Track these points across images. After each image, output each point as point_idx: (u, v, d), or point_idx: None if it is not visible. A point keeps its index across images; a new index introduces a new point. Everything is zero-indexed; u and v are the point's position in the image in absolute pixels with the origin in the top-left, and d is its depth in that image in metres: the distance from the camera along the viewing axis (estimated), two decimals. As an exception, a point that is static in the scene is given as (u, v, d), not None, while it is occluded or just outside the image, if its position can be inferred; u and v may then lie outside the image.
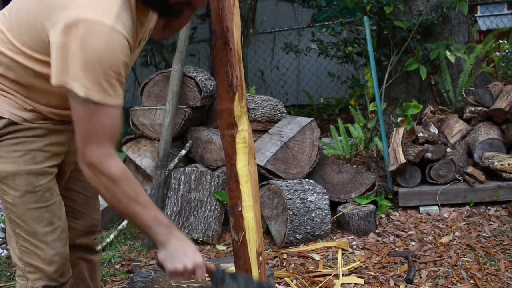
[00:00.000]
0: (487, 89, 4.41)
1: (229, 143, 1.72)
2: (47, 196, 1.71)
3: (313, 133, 3.85)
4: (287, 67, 8.24)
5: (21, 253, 1.73)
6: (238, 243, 1.70)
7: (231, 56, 1.68)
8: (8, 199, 1.68)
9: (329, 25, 5.53)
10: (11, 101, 1.64)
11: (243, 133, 1.72)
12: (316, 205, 3.51)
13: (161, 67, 6.27)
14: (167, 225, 1.60)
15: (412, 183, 3.94)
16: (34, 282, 1.74)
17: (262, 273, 1.70)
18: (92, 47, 1.40)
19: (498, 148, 4.03)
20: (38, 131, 1.68)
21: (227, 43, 1.67)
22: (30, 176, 1.67)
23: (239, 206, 1.69)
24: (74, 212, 1.94)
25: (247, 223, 1.69)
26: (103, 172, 1.50)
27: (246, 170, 1.71)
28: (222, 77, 1.70)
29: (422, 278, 2.90)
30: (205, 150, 4.01)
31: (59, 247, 1.75)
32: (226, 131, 1.72)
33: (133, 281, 2.38)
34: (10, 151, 1.65)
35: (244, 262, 1.69)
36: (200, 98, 3.96)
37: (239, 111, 1.71)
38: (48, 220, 1.72)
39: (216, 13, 1.67)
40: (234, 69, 1.69)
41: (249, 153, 1.73)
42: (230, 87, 1.69)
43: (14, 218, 1.70)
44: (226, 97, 1.70)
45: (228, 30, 1.66)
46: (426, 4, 5.36)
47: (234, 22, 1.68)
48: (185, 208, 3.59)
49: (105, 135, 1.49)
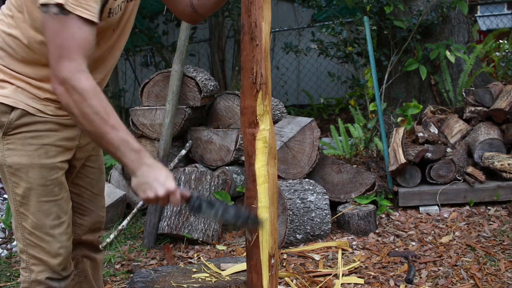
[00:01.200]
0: (487, 89, 4.41)
1: (250, 142, 1.67)
2: (57, 190, 1.73)
3: (313, 133, 3.85)
4: (287, 67, 8.25)
5: (25, 246, 1.75)
6: (250, 243, 1.67)
7: (257, 52, 1.63)
8: (19, 192, 1.70)
9: (329, 25, 5.53)
10: (25, 91, 1.67)
11: (264, 132, 1.67)
12: (316, 205, 3.51)
13: (161, 67, 6.27)
14: (138, 150, 1.55)
15: (412, 183, 3.94)
16: (38, 274, 1.76)
17: (273, 276, 1.68)
18: None
19: (498, 148, 4.03)
20: (51, 125, 1.71)
21: (254, 39, 1.62)
22: (43, 169, 1.69)
23: (255, 206, 1.66)
24: (81, 208, 1.96)
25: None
26: (74, 87, 1.49)
27: (265, 171, 1.67)
28: (247, 73, 1.65)
29: (422, 278, 2.90)
30: (205, 150, 4.01)
31: (64, 240, 1.77)
32: (247, 129, 1.68)
33: (133, 281, 2.38)
34: (25, 144, 1.68)
35: (256, 263, 1.66)
36: (200, 98, 3.96)
37: (261, 109, 1.67)
38: (56, 214, 1.74)
39: (246, 7, 1.63)
40: (260, 66, 1.64)
41: (269, 153, 1.68)
42: (254, 84, 1.64)
43: (23, 210, 1.72)
44: (249, 94, 1.66)
45: (256, 26, 1.62)
46: (426, 4, 5.36)
47: (263, 17, 1.64)
48: (185, 208, 3.59)
49: (76, 49, 1.50)
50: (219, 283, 2.27)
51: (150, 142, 4.08)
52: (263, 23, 1.63)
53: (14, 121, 1.66)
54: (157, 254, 3.45)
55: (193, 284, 2.28)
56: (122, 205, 4.04)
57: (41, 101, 1.68)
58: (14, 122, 1.66)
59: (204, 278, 2.35)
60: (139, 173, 1.55)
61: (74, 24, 1.49)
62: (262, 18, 1.63)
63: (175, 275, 2.40)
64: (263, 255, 1.65)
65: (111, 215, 3.90)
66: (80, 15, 1.48)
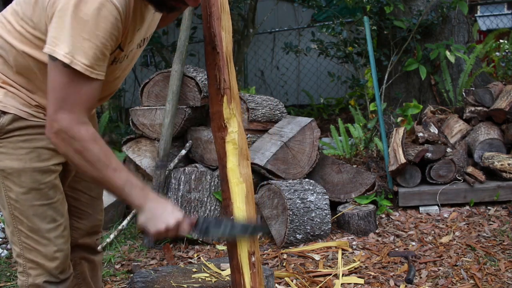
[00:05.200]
0: (487, 89, 4.41)
1: (220, 145, 1.75)
2: (51, 193, 1.72)
3: (313, 133, 3.85)
4: (287, 67, 8.24)
5: (22, 249, 1.74)
6: (230, 244, 1.71)
7: (219, 60, 1.72)
8: (12, 196, 1.70)
9: (329, 25, 5.53)
10: (17, 96, 1.66)
11: (232, 134, 1.74)
12: (316, 205, 3.51)
13: (161, 67, 6.26)
14: (141, 187, 1.57)
15: (412, 183, 3.94)
16: (35, 278, 1.75)
17: (255, 273, 1.70)
18: (84, 15, 1.41)
19: (498, 148, 4.03)
20: (43, 129, 1.69)
21: (215, 48, 1.71)
22: (35, 173, 1.69)
23: (230, 206, 1.70)
24: (78, 212, 1.96)
25: None
26: (74, 137, 1.48)
27: (237, 172, 1.72)
28: (212, 80, 1.75)
29: (422, 278, 2.90)
30: (205, 150, 4.01)
31: (61, 243, 1.76)
32: (217, 133, 1.75)
33: (133, 281, 2.38)
34: (16, 148, 1.67)
35: (237, 263, 1.69)
36: (200, 98, 3.96)
37: (228, 113, 1.74)
38: (52, 217, 1.73)
39: (205, 19, 1.72)
40: (222, 73, 1.72)
41: (240, 154, 1.75)
42: (218, 90, 1.73)
43: (17, 214, 1.71)
44: (215, 100, 1.74)
45: (215, 35, 1.71)
46: (426, 4, 5.36)
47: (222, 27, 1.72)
48: (185, 208, 3.59)
49: (79, 104, 1.49)
50: (219, 283, 2.27)
51: (150, 142, 4.07)
52: (223, 32, 1.73)
53: (6, 126, 1.65)
54: (157, 254, 3.45)
55: (193, 284, 2.28)
56: (122, 205, 4.04)
57: (32, 107, 1.68)
58: (6, 127, 1.66)
59: (204, 278, 2.35)
60: (147, 208, 1.57)
61: (81, 80, 1.47)
62: (222, 28, 1.72)
63: (175, 275, 2.40)
64: (242, 254, 1.68)
65: (111, 215, 3.90)
66: (88, 75, 1.47)
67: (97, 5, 1.42)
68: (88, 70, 1.46)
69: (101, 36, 1.45)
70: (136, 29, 1.66)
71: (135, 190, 1.56)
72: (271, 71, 8.56)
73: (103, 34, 1.45)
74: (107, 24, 1.44)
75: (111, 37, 1.48)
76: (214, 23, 1.71)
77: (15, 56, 1.63)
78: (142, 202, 1.57)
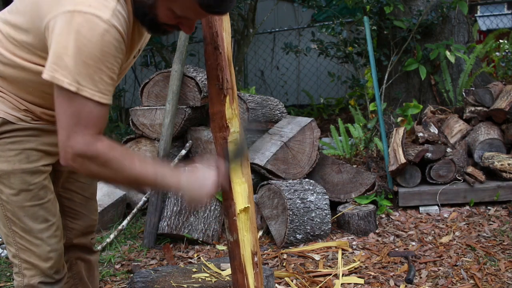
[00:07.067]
0: (487, 89, 4.40)
1: (221, 145, 1.74)
2: (41, 194, 1.73)
3: (313, 133, 3.85)
4: (287, 67, 8.24)
5: (17, 250, 1.75)
6: (232, 244, 1.70)
7: (221, 60, 1.72)
8: (3, 197, 1.70)
9: (329, 25, 5.53)
10: (5, 100, 1.66)
11: (235, 134, 1.75)
12: (316, 205, 3.51)
13: (161, 67, 6.26)
14: (170, 169, 1.61)
15: (412, 183, 3.94)
16: (30, 278, 1.76)
17: (258, 274, 1.70)
18: (87, 41, 1.40)
19: (498, 148, 4.03)
20: (31, 131, 1.70)
21: (217, 48, 1.72)
22: (24, 174, 1.69)
23: (232, 207, 1.70)
24: (72, 212, 1.95)
25: (240, 224, 1.71)
26: (93, 156, 1.48)
27: (239, 172, 1.72)
28: (213, 80, 1.74)
29: (422, 278, 2.90)
30: (205, 150, 4.01)
31: (54, 243, 1.77)
32: (218, 134, 1.75)
33: (133, 281, 2.38)
34: (5, 150, 1.67)
35: (239, 263, 1.69)
36: (200, 98, 3.96)
37: (230, 113, 1.74)
38: (43, 218, 1.73)
39: (206, 20, 1.72)
40: (225, 73, 1.73)
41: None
42: (221, 90, 1.73)
43: (10, 215, 1.71)
44: (217, 100, 1.74)
45: (217, 35, 1.71)
46: (426, 4, 5.36)
47: (223, 28, 1.73)
48: (185, 208, 3.59)
49: (91, 127, 1.48)
50: (219, 283, 2.28)
51: (150, 142, 4.07)
52: (224, 33, 1.74)
53: None
54: (157, 254, 3.45)
55: (193, 284, 2.28)
56: (122, 205, 4.04)
57: (21, 111, 1.67)
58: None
59: (204, 278, 2.35)
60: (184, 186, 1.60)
61: (93, 108, 1.46)
62: (223, 28, 1.74)
63: (175, 275, 2.40)
64: (245, 254, 1.69)
65: (111, 215, 3.90)
66: (98, 100, 1.46)
67: (101, 31, 1.41)
68: (97, 95, 1.45)
69: (106, 61, 1.44)
70: (135, 45, 1.68)
71: (166, 175, 1.58)
72: (271, 71, 8.56)
73: (108, 58, 1.44)
74: (111, 48, 1.44)
75: (116, 61, 1.48)
76: (216, 23, 1.72)
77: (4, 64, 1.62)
78: (177, 183, 1.59)
